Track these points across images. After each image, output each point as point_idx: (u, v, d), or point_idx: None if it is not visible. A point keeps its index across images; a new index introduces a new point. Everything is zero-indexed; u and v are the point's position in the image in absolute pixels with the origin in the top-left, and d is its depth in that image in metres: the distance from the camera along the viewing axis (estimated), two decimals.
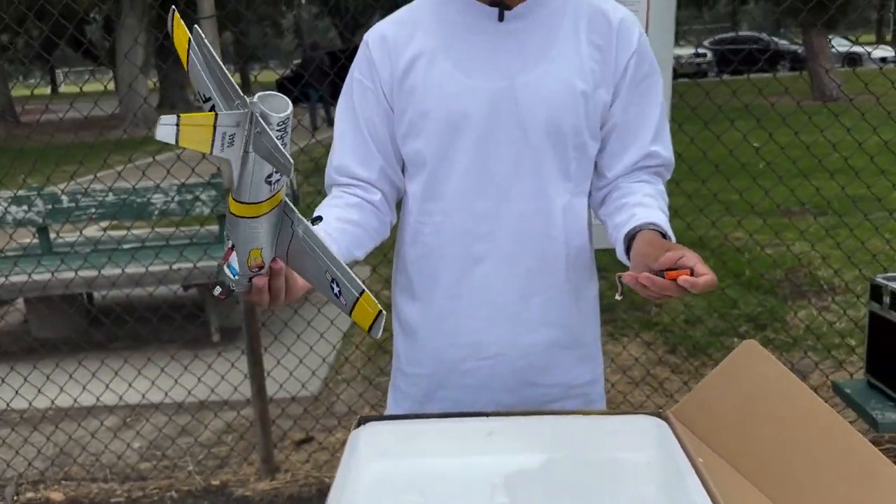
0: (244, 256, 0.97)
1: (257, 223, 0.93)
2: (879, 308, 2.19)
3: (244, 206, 0.91)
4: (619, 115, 1.25)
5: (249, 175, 0.87)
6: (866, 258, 4.01)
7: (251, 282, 1.00)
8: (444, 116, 1.21)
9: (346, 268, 0.96)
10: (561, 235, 1.26)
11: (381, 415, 1.21)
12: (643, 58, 1.25)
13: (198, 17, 2.29)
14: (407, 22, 1.25)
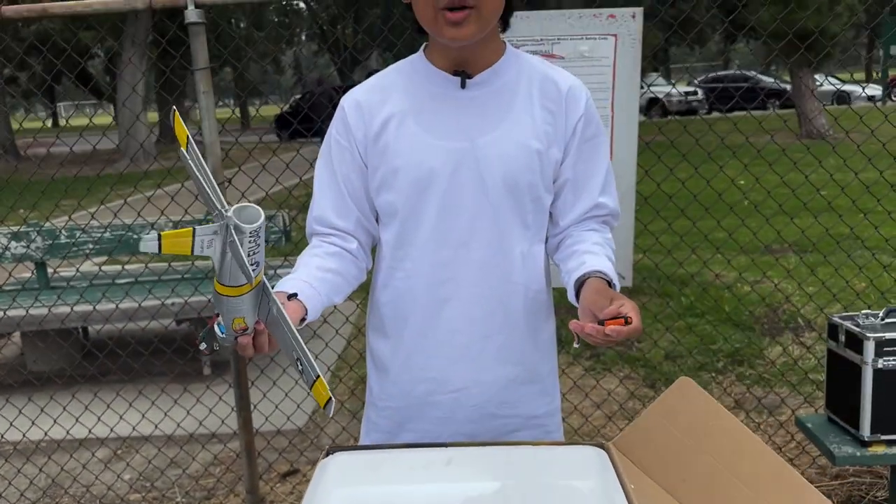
0: (229, 323, 1.12)
1: (238, 300, 1.08)
2: (836, 346, 2.30)
3: (226, 287, 1.06)
4: (569, 171, 1.38)
5: (228, 267, 1.03)
6: (849, 296, 4.13)
7: (237, 340, 1.14)
8: (413, 173, 1.33)
9: (308, 351, 1.11)
10: (520, 279, 1.38)
11: (348, 445, 1.32)
12: (590, 121, 1.38)
13: (193, 68, 2.43)
14: (379, 88, 1.39)
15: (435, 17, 1.26)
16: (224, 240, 0.99)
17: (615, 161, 2.46)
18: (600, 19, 2.34)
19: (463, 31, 1.25)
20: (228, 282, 1.05)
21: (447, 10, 1.24)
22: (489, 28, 1.29)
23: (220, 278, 1.05)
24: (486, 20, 1.27)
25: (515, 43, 2.41)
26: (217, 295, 1.08)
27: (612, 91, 2.40)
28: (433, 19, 1.26)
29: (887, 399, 2.16)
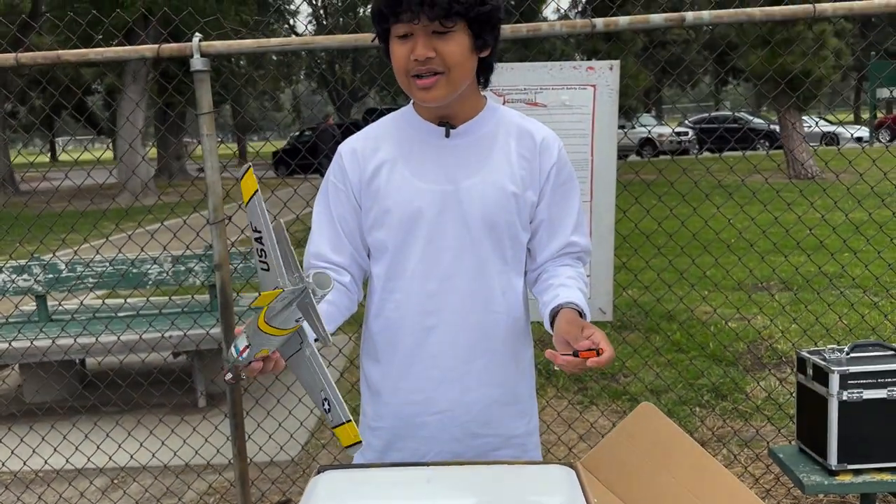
0: (255, 351, 1.24)
1: (277, 339, 1.22)
2: (805, 379, 2.42)
3: (272, 328, 1.20)
4: (545, 212, 1.53)
5: (284, 314, 1.18)
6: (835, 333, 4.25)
7: (250, 364, 1.27)
8: (402, 213, 1.48)
9: (339, 394, 1.24)
10: (500, 309, 1.51)
11: (337, 464, 1.43)
12: (562, 167, 1.53)
13: (197, 112, 2.58)
14: (372, 137, 1.54)
15: (408, 83, 1.41)
16: (295, 298, 1.15)
17: (595, 202, 2.61)
18: (580, 71, 2.50)
19: (432, 94, 1.40)
20: (277, 325, 1.19)
21: (416, 77, 1.39)
22: (460, 90, 1.44)
23: (270, 321, 1.19)
24: (455, 83, 1.41)
25: (501, 91, 2.57)
26: (258, 330, 1.21)
27: (592, 137, 2.55)
28: (406, 85, 1.42)
29: (852, 430, 2.28)
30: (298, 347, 1.25)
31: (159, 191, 16.92)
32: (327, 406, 1.24)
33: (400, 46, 1.38)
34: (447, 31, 1.35)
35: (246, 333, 1.26)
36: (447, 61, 1.37)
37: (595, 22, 2.46)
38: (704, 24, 2.48)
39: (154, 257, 4.21)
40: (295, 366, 1.27)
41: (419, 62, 1.36)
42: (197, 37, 2.55)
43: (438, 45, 1.36)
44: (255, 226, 1.20)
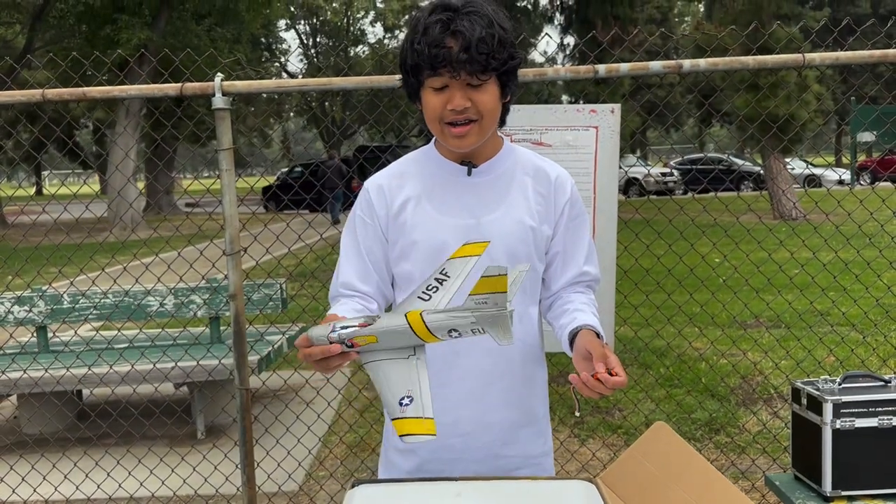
0: (362, 338, 1.32)
1: (410, 338, 1.32)
2: (799, 408, 2.53)
3: (427, 333, 1.31)
4: (559, 244, 1.64)
5: (454, 330, 1.30)
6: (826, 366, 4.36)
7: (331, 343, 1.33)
8: (428, 245, 1.58)
9: (429, 393, 1.32)
10: (518, 335, 1.61)
11: (372, 479, 1.51)
12: (575, 203, 1.66)
13: (218, 148, 2.69)
14: (398, 174, 1.65)
15: (441, 130, 1.52)
16: (487, 319, 1.27)
17: (597, 238, 2.73)
18: (583, 113, 2.64)
19: (467, 141, 1.52)
20: (437, 335, 1.31)
21: (451, 124, 1.50)
22: (488, 135, 1.56)
23: (433, 329, 1.30)
24: (486, 130, 1.53)
25: (508, 132, 2.70)
26: (404, 322, 1.31)
27: (594, 175, 2.68)
28: (440, 131, 1.53)
29: (845, 457, 2.38)
30: (405, 356, 1.34)
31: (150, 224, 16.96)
32: (407, 401, 1.30)
33: (435, 97, 1.49)
34: (482, 83, 1.47)
35: (363, 321, 1.34)
36: (481, 110, 1.49)
37: (598, 68, 2.61)
38: (701, 70, 2.63)
39: (149, 289, 4.26)
40: (385, 371, 1.34)
41: (456, 112, 1.47)
42: (219, 76, 2.68)
43: (473, 96, 1.47)
44: (448, 272, 1.38)
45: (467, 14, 1.44)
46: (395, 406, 1.30)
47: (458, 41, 1.42)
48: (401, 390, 1.32)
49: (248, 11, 20.58)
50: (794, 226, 4.10)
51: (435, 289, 1.38)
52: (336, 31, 40.37)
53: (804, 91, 14.57)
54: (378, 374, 1.34)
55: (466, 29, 1.42)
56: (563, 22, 19.29)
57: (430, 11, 1.48)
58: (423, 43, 1.43)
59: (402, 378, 1.33)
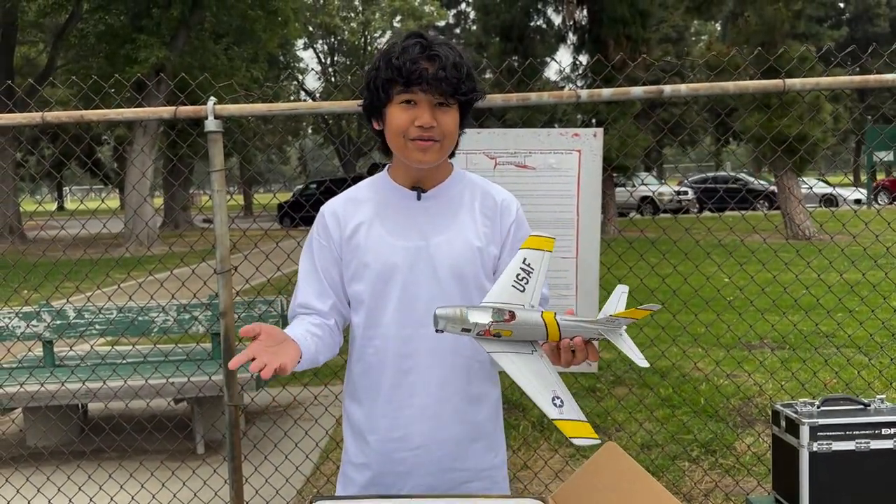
0: (504, 331, 1.41)
1: (540, 334, 1.42)
2: (779, 431, 2.54)
3: (556, 332, 1.42)
4: (506, 264, 1.69)
5: (580, 333, 1.43)
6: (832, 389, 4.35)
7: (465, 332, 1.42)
8: (379, 267, 1.65)
9: (570, 395, 1.40)
10: (468, 353, 1.66)
11: (329, 495, 1.55)
12: (521, 225, 1.74)
13: (210, 170, 2.76)
14: (352, 199, 1.73)
15: (405, 145, 1.60)
16: (604, 327, 1.44)
17: (580, 260, 2.77)
18: (566, 137, 2.69)
19: (428, 156, 1.60)
20: (564, 333, 1.43)
21: (416, 139, 1.58)
22: (445, 156, 1.65)
23: (564, 330, 1.43)
24: (445, 151, 1.63)
25: (493, 154, 2.76)
26: (540, 323, 1.42)
27: (578, 198, 2.73)
28: (402, 145, 1.60)
29: (823, 480, 2.38)
30: (530, 351, 1.43)
31: (165, 241, 17.18)
32: (559, 402, 1.37)
33: (403, 112, 1.57)
34: (448, 106, 1.57)
35: (502, 314, 1.42)
36: (444, 131, 1.59)
37: (580, 93, 2.66)
38: (682, 96, 2.68)
39: (164, 305, 4.34)
40: (519, 366, 1.41)
41: (423, 128, 1.56)
42: (211, 100, 2.76)
43: (439, 117, 1.57)
44: (531, 264, 1.51)
45: (441, 45, 1.57)
46: (550, 406, 1.36)
47: (434, 63, 1.54)
48: (546, 388, 1.39)
49: (266, 31, 20.89)
50: (799, 247, 4.11)
51: (525, 280, 1.49)
52: (353, 50, 40.81)
53: (817, 110, 14.53)
54: (510, 366, 1.41)
55: (442, 54, 1.54)
56: (576, 41, 19.39)
57: (406, 37, 1.59)
58: (401, 59, 1.54)
59: (539, 374, 1.41)
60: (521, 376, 1.39)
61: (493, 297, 1.46)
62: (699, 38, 39.19)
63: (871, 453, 2.38)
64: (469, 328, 1.40)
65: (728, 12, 18.08)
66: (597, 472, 1.50)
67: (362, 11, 40.13)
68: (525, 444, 4.29)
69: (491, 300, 1.46)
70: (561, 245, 2.75)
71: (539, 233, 1.58)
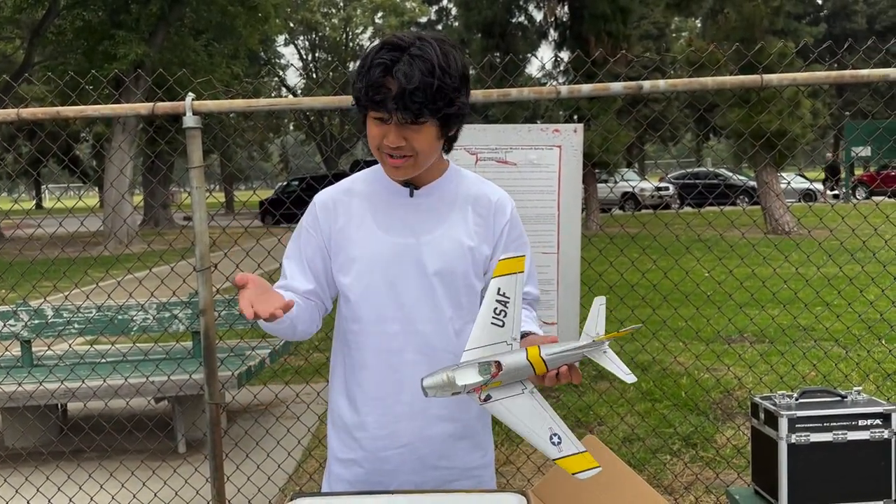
0: (489, 382, 1.39)
1: (528, 373, 1.39)
2: (758, 423, 2.56)
3: (542, 367, 1.39)
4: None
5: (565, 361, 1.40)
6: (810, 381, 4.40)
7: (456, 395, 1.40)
8: (367, 261, 1.64)
9: (567, 428, 1.39)
10: (455, 350, 1.65)
11: (311, 492, 1.55)
12: (514, 225, 1.71)
13: (188, 166, 2.74)
14: (345, 191, 1.71)
15: (380, 156, 1.59)
16: (584, 349, 1.41)
17: (561, 254, 2.78)
18: (546, 133, 2.70)
19: (400, 172, 1.60)
20: (548, 366, 1.39)
21: (388, 155, 1.56)
22: (425, 167, 1.62)
23: (549, 362, 1.39)
24: (420, 165, 1.60)
25: (474, 150, 2.76)
26: (525, 362, 1.39)
27: (558, 193, 2.73)
28: (379, 157, 1.60)
29: (801, 471, 2.41)
30: (521, 391, 1.41)
31: (145, 239, 17.03)
32: (557, 440, 1.37)
33: (376, 127, 1.55)
34: (418, 124, 1.51)
35: (486, 366, 1.40)
36: (415, 147, 1.54)
37: (561, 89, 2.67)
38: (660, 91, 2.69)
39: (143, 303, 4.30)
40: (512, 411, 1.40)
41: (391, 147, 1.54)
42: (190, 96, 2.74)
43: (408, 135, 1.53)
44: (505, 292, 1.46)
45: (412, 57, 1.47)
46: (548, 446, 1.37)
47: (396, 85, 1.46)
48: (542, 428, 1.38)
49: (246, 27, 20.73)
50: (777, 241, 4.15)
51: (503, 312, 1.46)
52: (335, 46, 40.63)
53: (796, 105, 14.66)
54: (505, 414, 1.40)
55: (405, 76, 1.45)
56: (557, 38, 19.43)
57: (378, 48, 1.52)
58: (364, 81, 1.49)
59: (533, 414, 1.40)
60: (517, 421, 1.39)
61: (474, 341, 1.44)
62: (679, 34, 39.41)
63: (849, 444, 2.41)
64: (459, 391, 1.39)
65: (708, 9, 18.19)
66: None
67: (343, 7, 39.96)
68: (508, 439, 4.30)
69: (473, 345, 1.43)
70: (542, 240, 2.76)
71: (506, 255, 1.54)
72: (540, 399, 1.41)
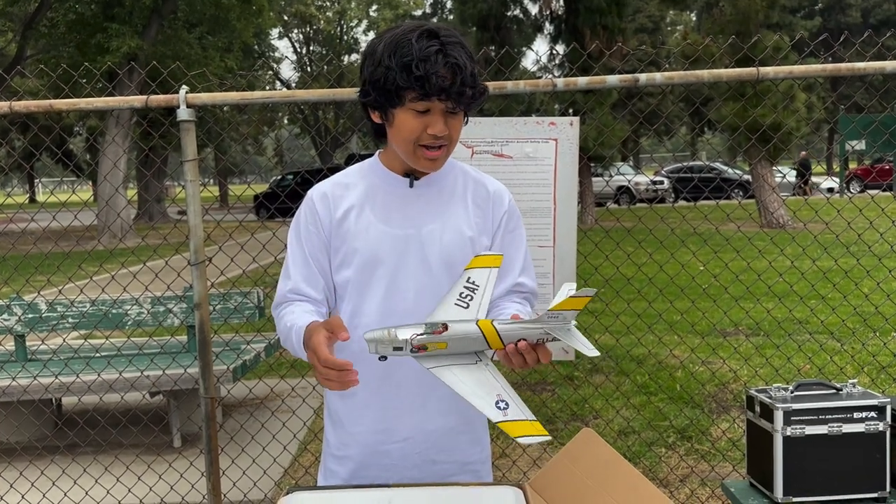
0: (434, 344, 1.37)
1: (480, 344, 1.39)
2: (753, 416, 2.56)
3: (497, 340, 1.38)
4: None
5: (523, 339, 1.37)
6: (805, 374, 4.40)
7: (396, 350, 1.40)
8: (368, 253, 1.62)
9: (518, 396, 1.37)
10: None
11: (307, 486, 1.54)
12: (512, 216, 1.70)
13: (182, 159, 2.72)
14: (342, 184, 1.69)
15: (413, 151, 1.57)
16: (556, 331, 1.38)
17: (557, 248, 2.77)
18: (542, 126, 2.69)
19: (438, 164, 1.60)
20: (504, 342, 1.38)
21: (426, 147, 1.55)
22: None
23: (506, 337, 1.37)
24: (451, 153, 1.62)
25: (470, 143, 2.75)
26: (476, 331, 1.38)
27: (554, 186, 2.73)
28: (412, 153, 1.57)
29: (796, 464, 2.41)
30: (474, 361, 1.40)
31: (139, 233, 16.98)
32: (503, 405, 1.34)
33: (415, 119, 1.52)
34: (458, 112, 1.54)
35: (433, 329, 1.38)
36: (453, 136, 1.57)
37: (556, 81, 2.66)
38: (657, 84, 2.68)
39: (137, 297, 4.29)
40: (461, 377, 1.39)
41: (435, 137, 1.53)
42: (184, 89, 2.72)
43: (450, 123, 1.54)
44: (475, 281, 1.48)
45: (454, 45, 1.49)
46: (493, 410, 1.34)
47: (454, 73, 1.47)
48: (490, 394, 1.37)
49: (240, 20, 20.64)
50: (772, 234, 4.16)
51: (469, 297, 1.45)
52: (329, 39, 40.50)
53: (791, 99, 14.67)
54: (452, 378, 1.39)
55: (461, 62, 1.48)
56: (552, 32, 19.39)
57: (418, 36, 1.49)
58: (422, 69, 1.46)
59: (482, 382, 1.38)
60: (463, 386, 1.37)
61: (433, 317, 1.43)
62: (675, 28, 39.40)
63: (844, 437, 2.42)
64: (400, 346, 1.37)
65: (703, 2, 18.20)
66: (573, 459, 1.50)
67: (338, 1, 39.83)
68: (503, 433, 4.28)
69: (430, 320, 1.43)
70: (538, 234, 2.75)
71: (485, 253, 1.55)
72: (495, 372, 1.40)
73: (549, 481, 1.48)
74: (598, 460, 1.50)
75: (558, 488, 1.47)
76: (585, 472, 1.48)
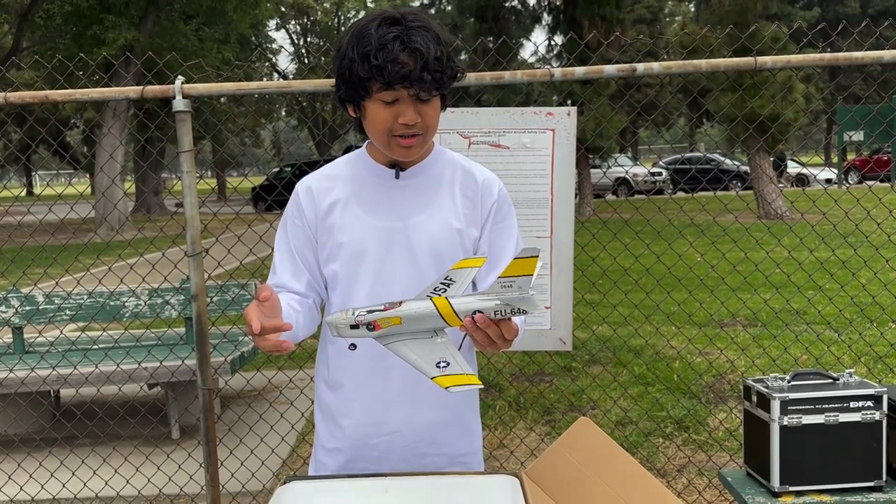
0: (386, 319, 1.38)
1: (435, 321, 1.37)
2: (750, 406, 2.57)
3: (452, 315, 1.36)
4: (485, 246, 1.67)
5: (479, 312, 1.36)
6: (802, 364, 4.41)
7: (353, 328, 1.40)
8: (354, 247, 1.61)
9: (461, 357, 1.37)
10: (445, 336, 1.63)
11: (303, 476, 1.54)
12: (501, 206, 1.68)
13: (178, 150, 2.71)
14: (328, 176, 1.68)
15: (388, 141, 1.55)
16: (512, 301, 1.33)
17: (555, 238, 2.77)
18: (540, 116, 2.68)
19: (413, 152, 1.57)
20: (459, 318, 1.37)
21: (400, 136, 1.53)
22: (427, 144, 1.61)
23: (460, 312, 1.36)
24: (428, 141, 1.59)
25: (467, 134, 2.74)
26: (431, 308, 1.37)
27: (552, 177, 2.72)
28: (386, 142, 1.55)
29: (793, 453, 2.42)
30: (429, 336, 1.40)
31: (136, 225, 16.96)
32: (444, 364, 1.35)
33: (385, 110, 1.50)
34: (430, 99, 1.50)
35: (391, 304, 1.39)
36: (427, 123, 1.53)
37: (553, 71, 2.65)
38: (655, 74, 2.67)
39: (134, 289, 4.28)
40: (412, 347, 1.39)
41: (407, 126, 1.50)
42: (179, 79, 2.71)
43: (422, 110, 1.51)
44: (453, 278, 1.47)
45: (417, 29, 1.45)
46: (432, 369, 1.35)
47: (415, 59, 1.43)
48: (435, 358, 1.37)
49: (236, 11, 20.55)
50: (769, 225, 4.16)
51: (443, 289, 1.43)
52: (327, 30, 40.36)
53: (790, 90, 14.66)
54: (405, 350, 1.39)
55: (422, 46, 1.43)
56: (550, 22, 19.33)
57: (378, 24, 1.47)
58: (380, 58, 1.43)
59: (433, 351, 1.39)
60: (410, 353, 1.38)
61: None
62: (673, 18, 39.29)
63: (840, 426, 2.42)
64: (355, 324, 1.38)
65: None
66: (570, 448, 1.51)
67: None
68: (501, 423, 4.31)
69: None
70: (535, 224, 2.75)
71: (473, 257, 1.54)
72: (448, 344, 1.39)
73: (546, 470, 1.49)
74: (594, 450, 1.50)
75: (555, 477, 1.48)
76: (582, 462, 1.48)
